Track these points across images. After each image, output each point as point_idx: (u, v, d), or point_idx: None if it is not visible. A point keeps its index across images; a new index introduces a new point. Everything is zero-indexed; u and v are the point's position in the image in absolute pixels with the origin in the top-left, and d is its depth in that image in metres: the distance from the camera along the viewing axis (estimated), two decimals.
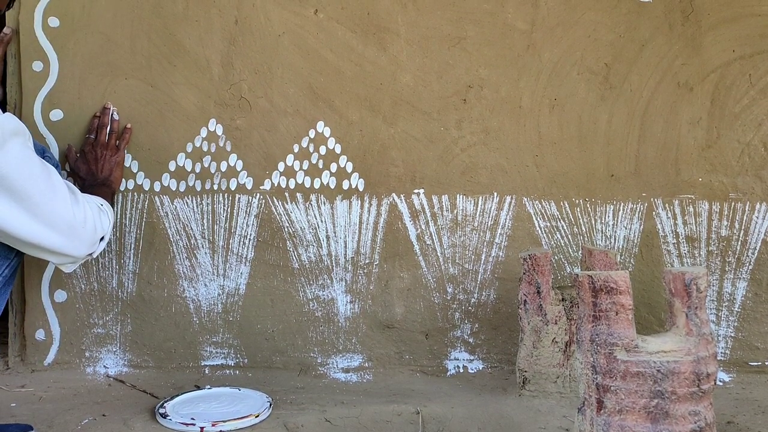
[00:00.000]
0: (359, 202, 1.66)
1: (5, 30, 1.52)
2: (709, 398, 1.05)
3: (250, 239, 1.65)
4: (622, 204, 1.66)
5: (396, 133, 1.66)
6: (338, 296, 1.67)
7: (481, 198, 1.66)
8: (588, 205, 1.66)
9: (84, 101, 1.61)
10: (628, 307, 1.04)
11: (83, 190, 1.39)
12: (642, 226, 1.66)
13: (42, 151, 1.39)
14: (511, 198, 1.66)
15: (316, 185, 1.66)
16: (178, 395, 1.46)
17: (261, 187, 1.65)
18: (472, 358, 1.67)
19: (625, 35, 1.64)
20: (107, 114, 1.58)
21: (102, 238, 1.33)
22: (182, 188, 1.64)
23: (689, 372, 1.02)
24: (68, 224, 1.20)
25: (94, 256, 1.35)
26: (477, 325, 1.67)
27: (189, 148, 1.64)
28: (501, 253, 1.66)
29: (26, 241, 1.17)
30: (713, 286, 1.65)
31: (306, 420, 1.36)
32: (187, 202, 1.65)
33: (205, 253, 1.65)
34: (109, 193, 1.51)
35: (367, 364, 1.67)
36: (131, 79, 1.62)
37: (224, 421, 1.33)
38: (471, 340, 1.67)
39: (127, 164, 1.62)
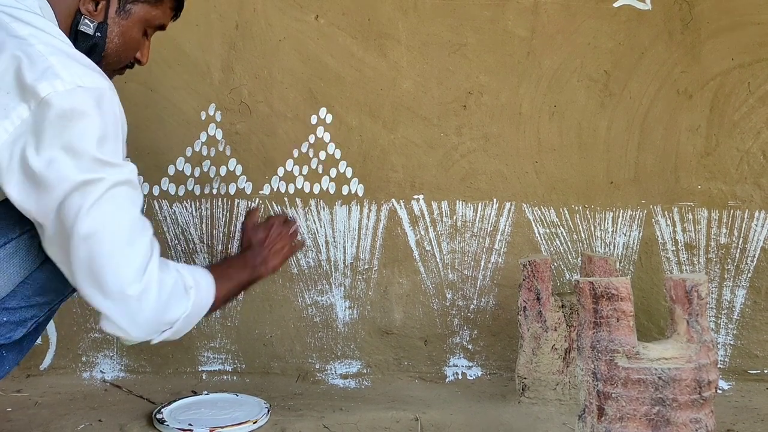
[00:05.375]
0: (359, 207, 1.65)
1: None
2: (710, 405, 1.04)
3: None
4: (621, 211, 1.66)
5: (396, 139, 1.66)
6: (337, 302, 1.66)
7: (480, 204, 1.66)
8: (587, 212, 1.66)
9: None
10: (629, 313, 1.04)
11: (228, 260, 1.14)
12: (641, 233, 1.66)
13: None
14: (511, 204, 1.66)
15: (316, 190, 1.65)
16: (175, 401, 1.46)
17: (260, 192, 1.65)
18: (471, 364, 1.67)
19: (625, 43, 1.64)
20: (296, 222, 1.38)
21: (170, 327, 1.04)
22: (181, 192, 1.64)
23: (690, 379, 1.02)
24: (120, 291, 0.98)
25: (153, 342, 1.06)
26: (476, 332, 1.67)
27: (188, 152, 1.64)
28: (500, 260, 1.66)
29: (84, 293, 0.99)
30: (712, 293, 1.65)
31: (304, 426, 1.35)
32: (186, 207, 1.64)
33: (204, 257, 1.65)
34: (246, 278, 1.23)
35: (365, 371, 1.66)
36: (131, 82, 1.62)
37: (222, 427, 1.32)
38: (470, 346, 1.67)
39: None
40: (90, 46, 1.09)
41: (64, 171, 0.93)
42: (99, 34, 1.09)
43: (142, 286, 0.98)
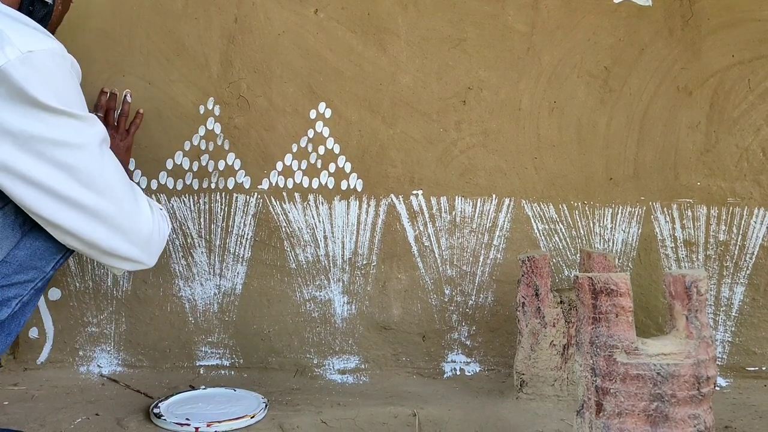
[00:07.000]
0: (357, 202, 1.65)
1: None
2: (709, 402, 1.04)
3: (247, 239, 1.64)
4: (620, 207, 1.66)
5: (395, 134, 1.65)
6: (335, 297, 1.66)
7: (479, 200, 1.66)
8: (586, 209, 1.66)
9: None
10: (629, 309, 1.04)
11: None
12: (640, 230, 1.66)
13: None
14: (510, 200, 1.66)
15: (315, 185, 1.65)
16: (172, 395, 1.45)
17: (259, 187, 1.64)
18: (469, 360, 1.67)
19: (625, 39, 1.64)
20: (114, 99, 1.52)
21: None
22: (179, 186, 1.64)
23: (689, 375, 1.02)
24: (146, 236, 1.16)
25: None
26: (474, 328, 1.67)
27: (187, 146, 1.63)
28: (499, 256, 1.66)
29: (105, 250, 1.14)
30: (711, 291, 1.65)
31: (301, 421, 1.35)
32: (184, 201, 1.64)
33: (202, 252, 1.64)
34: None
35: (363, 366, 1.66)
36: (129, 76, 1.61)
37: (219, 422, 1.32)
38: (468, 342, 1.67)
39: None
40: (45, 13, 1.19)
41: (59, 127, 1.03)
42: (51, 2, 1.20)
43: (153, 226, 1.18)
